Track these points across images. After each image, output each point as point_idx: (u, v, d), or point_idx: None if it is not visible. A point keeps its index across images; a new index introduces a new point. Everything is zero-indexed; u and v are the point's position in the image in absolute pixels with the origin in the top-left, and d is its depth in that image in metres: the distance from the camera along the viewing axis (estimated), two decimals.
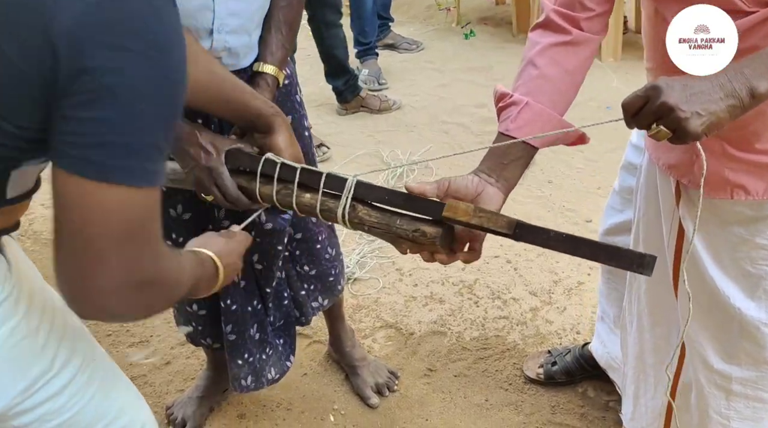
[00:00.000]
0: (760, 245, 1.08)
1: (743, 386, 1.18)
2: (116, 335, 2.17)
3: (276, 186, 1.13)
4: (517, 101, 1.06)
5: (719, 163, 1.06)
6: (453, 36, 4.62)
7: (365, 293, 2.31)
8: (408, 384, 1.94)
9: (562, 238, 0.91)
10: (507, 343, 2.06)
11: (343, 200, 1.06)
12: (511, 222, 0.94)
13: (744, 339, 1.15)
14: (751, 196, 1.06)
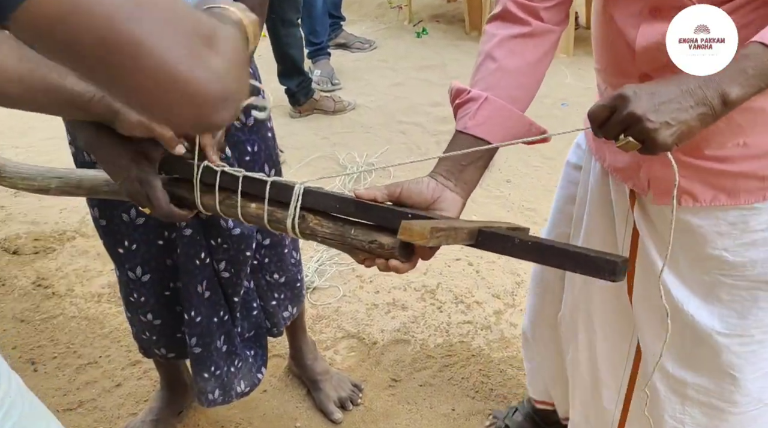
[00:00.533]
0: (711, 255, 1.06)
1: (697, 392, 1.16)
2: (62, 357, 2.05)
3: (218, 196, 1.06)
4: (475, 97, 1.01)
5: (667, 168, 1.01)
6: (405, 34, 4.57)
7: (325, 302, 2.24)
8: (372, 396, 1.88)
9: (527, 246, 0.85)
10: (472, 349, 2.02)
11: (291, 210, 0.99)
12: (473, 231, 0.88)
13: (697, 346, 1.13)
14: (698, 203, 1.04)
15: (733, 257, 1.05)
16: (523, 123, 1.03)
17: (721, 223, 1.04)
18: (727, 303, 1.10)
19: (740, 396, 1.14)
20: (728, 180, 1.01)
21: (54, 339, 2.13)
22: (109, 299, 2.29)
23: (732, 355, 1.10)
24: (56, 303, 2.28)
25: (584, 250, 0.83)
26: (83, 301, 2.29)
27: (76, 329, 2.17)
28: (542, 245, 0.84)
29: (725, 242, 1.05)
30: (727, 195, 1.02)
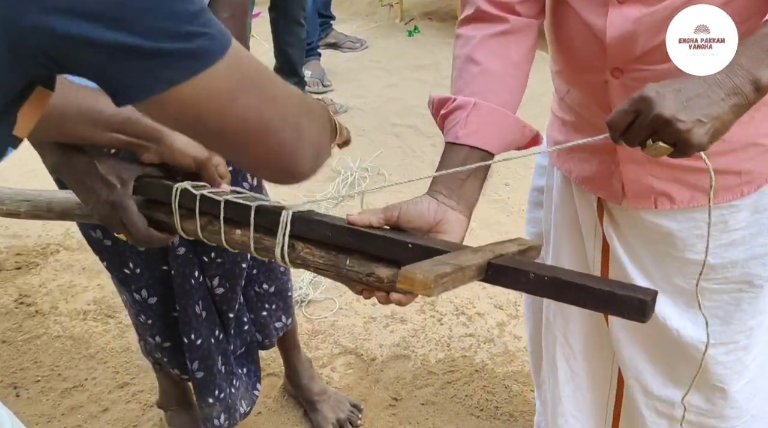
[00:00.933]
0: (692, 261, 1.02)
1: (687, 412, 1.10)
2: (45, 380, 1.96)
3: (200, 220, 0.97)
4: (462, 104, 0.94)
5: (643, 170, 0.99)
6: (397, 33, 4.48)
7: (321, 315, 2.15)
8: (372, 416, 1.80)
9: (543, 282, 0.77)
10: (475, 364, 1.93)
11: (279, 239, 0.91)
12: (481, 267, 0.79)
13: (684, 362, 1.09)
14: (675, 205, 1.00)
15: (714, 259, 1.01)
16: (517, 126, 0.96)
17: (700, 225, 1.00)
18: (710, 310, 1.05)
19: (729, 409, 1.10)
20: (705, 178, 0.95)
21: (37, 360, 2.03)
22: (95, 317, 2.19)
23: (719, 365, 1.07)
24: (39, 322, 2.18)
25: (609, 285, 0.74)
26: (68, 319, 2.19)
27: (60, 349, 2.07)
28: (560, 280, 0.75)
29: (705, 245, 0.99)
30: (705, 194, 0.97)
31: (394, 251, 0.84)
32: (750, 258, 1.01)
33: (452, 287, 0.74)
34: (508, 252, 0.83)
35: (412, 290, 0.71)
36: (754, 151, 0.95)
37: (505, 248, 0.85)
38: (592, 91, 1.01)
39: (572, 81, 1.05)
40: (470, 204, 0.93)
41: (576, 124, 1.10)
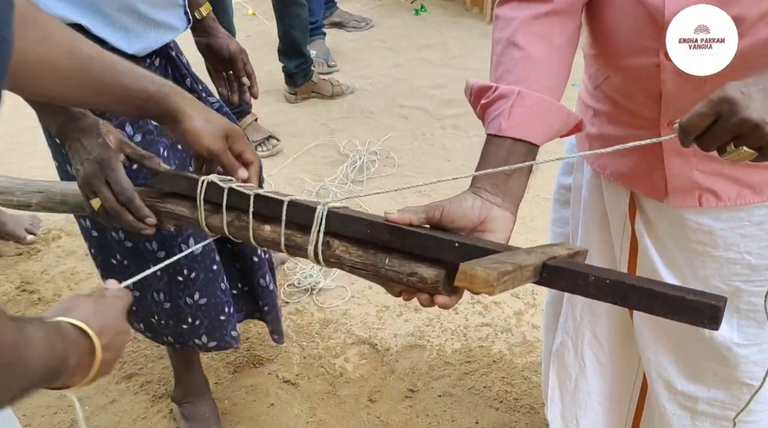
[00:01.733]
0: (732, 260, 0.98)
1: (710, 406, 1.10)
2: None
3: (227, 216, 0.92)
4: (506, 93, 0.87)
5: (688, 165, 0.95)
6: (403, 11, 4.37)
7: (332, 304, 2.10)
8: (388, 408, 1.75)
9: (604, 285, 0.71)
10: (492, 354, 1.88)
11: (313, 236, 0.85)
12: (537, 268, 0.73)
13: (712, 361, 1.06)
14: (722, 202, 0.95)
15: (757, 260, 0.98)
16: (562, 114, 0.89)
17: (746, 224, 0.96)
18: (746, 313, 1.03)
19: (754, 404, 1.06)
20: (754, 174, 0.93)
21: None
22: None
23: (751, 364, 1.04)
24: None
25: (676, 290, 0.68)
26: None
27: None
28: (624, 284, 0.69)
29: (749, 245, 0.97)
30: (753, 191, 0.94)
31: (440, 251, 0.78)
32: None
33: (511, 287, 0.69)
34: (559, 255, 0.78)
35: (472, 287, 0.65)
36: None
37: (554, 251, 0.80)
38: (638, 77, 0.94)
39: (614, 65, 0.98)
40: (516, 200, 0.86)
41: (612, 114, 1.03)
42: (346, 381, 1.83)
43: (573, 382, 1.29)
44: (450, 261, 0.79)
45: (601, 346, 1.24)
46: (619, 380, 1.26)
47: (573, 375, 1.29)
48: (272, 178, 2.70)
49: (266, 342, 1.96)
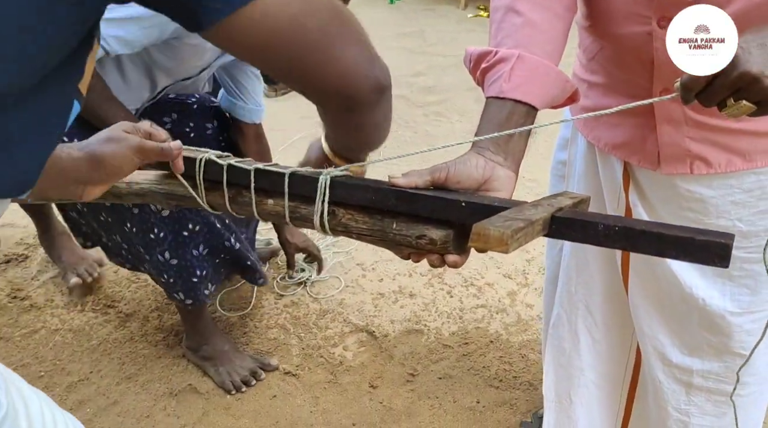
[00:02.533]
0: (723, 227, 1.00)
1: (705, 379, 1.11)
2: (49, 375, 1.89)
3: (228, 192, 0.92)
4: (506, 57, 0.89)
5: (679, 132, 0.97)
6: (378, 1, 4.38)
7: (328, 294, 2.11)
8: (390, 393, 1.77)
9: (614, 232, 0.72)
10: (489, 335, 1.91)
11: (318, 206, 0.85)
12: (546, 221, 0.74)
13: (706, 331, 1.08)
14: (712, 169, 0.97)
15: (747, 226, 1.00)
16: (560, 80, 0.91)
17: (736, 191, 0.98)
18: (738, 280, 1.04)
19: (749, 376, 1.09)
20: (744, 141, 0.94)
21: (38, 355, 1.96)
22: (93, 308, 2.12)
23: (744, 333, 1.06)
24: (36, 316, 2.11)
25: (685, 232, 0.69)
26: (65, 312, 2.12)
27: (61, 343, 2.00)
28: (633, 230, 0.70)
29: (740, 212, 0.99)
30: (743, 158, 0.96)
31: (446, 211, 0.78)
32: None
33: (524, 243, 0.69)
34: (564, 205, 0.79)
35: (487, 247, 0.66)
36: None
37: (559, 202, 0.80)
38: (632, 46, 0.97)
39: (608, 35, 1.01)
40: (518, 159, 0.87)
41: (608, 85, 1.05)
42: (347, 369, 1.85)
43: (567, 357, 1.31)
44: (458, 221, 0.80)
45: (595, 322, 1.26)
46: (613, 359, 1.27)
47: (567, 349, 1.31)
48: None
49: (264, 335, 1.97)
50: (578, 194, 0.84)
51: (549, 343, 1.35)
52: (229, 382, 1.80)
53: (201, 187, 0.93)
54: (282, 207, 0.88)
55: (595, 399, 1.31)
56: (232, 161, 0.91)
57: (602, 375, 1.29)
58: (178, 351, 1.94)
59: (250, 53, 0.63)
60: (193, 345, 1.86)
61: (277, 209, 0.89)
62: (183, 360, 1.91)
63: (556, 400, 1.34)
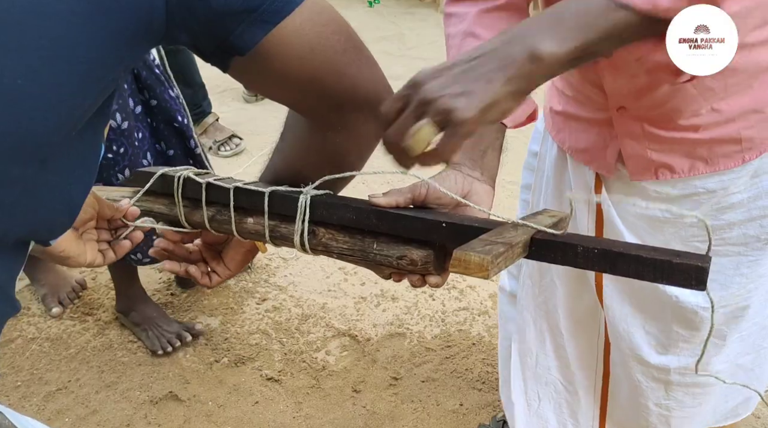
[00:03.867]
0: (689, 223, 1.03)
1: (682, 375, 1.14)
2: (26, 385, 1.86)
3: (207, 211, 0.91)
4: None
5: (640, 145, 0.99)
6: (356, 4, 4.38)
7: (310, 299, 2.10)
8: (373, 397, 1.77)
9: (593, 255, 0.73)
10: (471, 337, 1.92)
11: (298, 225, 0.85)
12: (526, 244, 0.76)
13: (680, 327, 1.10)
14: (677, 174, 1.00)
15: (712, 221, 1.02)
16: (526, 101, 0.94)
17: (700, 190, 1.00)
18: (711, 274, 1.04)
19: (720, 365, 1.12)
20: (704, 148, 0.97)
21: (15, 365, 1.93)
22: (71, 316, 2.09)
23: (716, 327, 1.09)
24: (12, 325, 2.07)
25: (663, 254, 0.71)
26: (42, 320, 2.08)
27: (38, 352, 1.97)
28: (611, 252, 0.72)
29: (703, 209, 1.01)
30: (705, 163, 0.98)
31: (428, 232, 0.80)
32: (748, 220, 1.01)
33: (504, 267, 0.71)
34: (544, 225, 0.80)
35: (467, 273, 0.67)
36: (755, 118, 0.94)
37: (539, 221, 0.82)
38: (582, 70, 1.01)
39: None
40: (493, 175, 0.90)
41: (573, 97, 1.10)
42: (329, 374, 1.84)
43: (534, 358, 1.32)
44: (438, 241, 0.81)
45: (558, 325, 1.26)
46: (581, 359, 1.28)
47: (534, 351, 1.32)
48: (238, 177, 2.68)
49: (246, 341, 1.95)
50: (557, 212, 0.86)
51: (515, 348, 1.36)
52: (157, 343, 1.93)
53: (180, 205, 0.93)
54: (262, 226, 0.87)
55: (564, 400, 1.33)
56: (211, 179, 0.90)
57: (570, 375, 1.31)
58: (158, 359, 1.92)
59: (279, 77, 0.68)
60: (123, 309, 2.01)
61: (257, 228, 0.88)
62: (163, 368, 1.89)
63: (525, 404, 1.35)
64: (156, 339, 1.94)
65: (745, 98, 0.91)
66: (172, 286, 2.19)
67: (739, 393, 1.21)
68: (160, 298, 2.12)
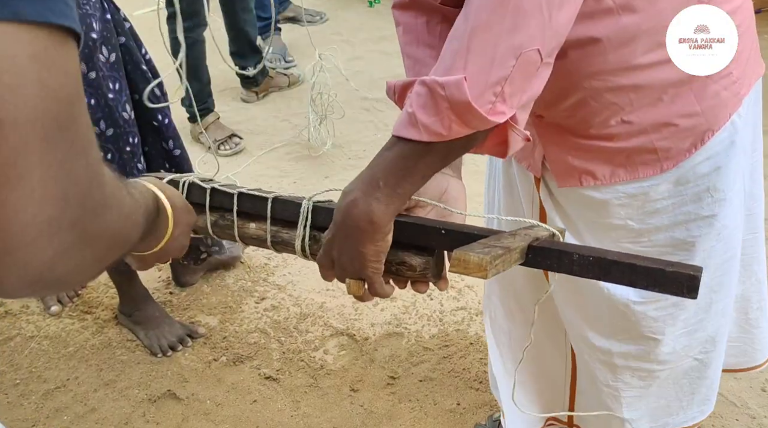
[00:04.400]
0: (618, 226, 1.05)
1: (625, 359, 1.16)
2: (25, 383, 1.87)
3: (210, 216, 0.93)
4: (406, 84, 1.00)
5: (561, 150, 1.02)
6: (356, 3, 4.37)
7: (308, 298, 2.11)
8: (371, 396, 1.77)
9: (588, 262, 0.75)
10: (469, 337, 1.92)
11: (300, 231, 0.87)
12: (523, 250, 0.77)
13: (615, 318, 1.13)
14: (598, 181, 1.03)
15: (638, 225, 1.04)
16: None
17: (622, 196, 1.02)
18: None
19: (666, 355, 1.14)
20: (622, 156, 0.99)
21: (14, 363, 1.93)
22: (70, 314, 2.10)
23: (650, 320, 1.10)
24: (11, 323, 2.08)
25: (655, 263, 0.72)
26: (41, 318, 2.09)
27: (37, 350, 1.98)
28: (605, 260, 0.73)
29: (628, 212, 1.04)
30: (625, 170, 1.01)
31: (426, 238, 0.81)
32: (673, 224, 1.03)
33: (502, 270, 0.72)
34: (541, 235, 0.81)
35: (466, 272, 0.69)
36: (667, 131, 0.95)
37: (536, 232, 0.83)
38: None
39: None
40: (460, 168, 0.97)
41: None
42: (327, 373, 1.85)
43: (507, 335, 1.37)
44: (437, 247, 0.83)
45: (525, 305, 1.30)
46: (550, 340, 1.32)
47: (506, 328, 1.37)
48: (238, 176, 2.69)
49: (244, 339, 1.96)
50: (553, 228, 0.88)
51: (489, 332, 1.42)
52: (156, 345, 1.93)
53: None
54: (264, 231, 0.90)
55: (538, 370, 1.37)
56: (215, 184, 0.92)
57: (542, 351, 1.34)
58: (156, 357, 1.92)
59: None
60: (126, 310, 2.00)
61: (258, 233, 0.91)
62: (162, 366, 1.90)
63: (506, 377, 1.39)
64: (156, 339, 1.94)
65: (656, 111, 0.93)
66: (171, 285, 2.19)
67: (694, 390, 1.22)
68: (159, 297, 2.13)
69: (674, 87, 0.90)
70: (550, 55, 0.76)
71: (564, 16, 0.74)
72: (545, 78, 0.78)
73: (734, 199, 1.02)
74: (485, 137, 0.78)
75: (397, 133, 0.76)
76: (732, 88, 0.94)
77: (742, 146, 1.00)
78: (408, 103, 0.76)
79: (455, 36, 0.74)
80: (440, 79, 0.73)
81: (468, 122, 0.73)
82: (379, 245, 0.79)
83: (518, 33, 0.71)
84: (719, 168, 0.98)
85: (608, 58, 0.87)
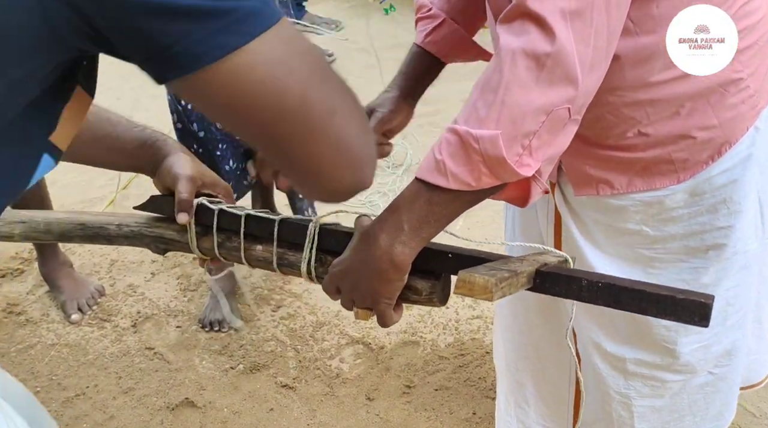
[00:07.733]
0: (633, 231, 1.06)
1: (637, 366, 1.16)
2: (45, 390, 1.89)
3: (217, 237, 0.93)
4: (434, 15, 1.10)
5: (579, 160, 1.02)
6: (373, 12, 4.39)
7: (324, 306, 2.11)
8: (387, 405, 1.77)
9: (597, 288, 0.75)
10: (485, 345, 1.92)
11: (306, 253, 0.87)
12: (531, 275, 0.77)
13: (630, 324, 1.13)
14: (615, 190, 1.03)
15: (653, 231, 1.04)
16: (472, 50, 1.14)
17: (637, 203, 1.03)
18: (656, 277, 1.09)
19: (679, 366, 1.13)
20: (639, 167, 0.99)
21: (34, 371, 1.96)
22: (89, 322, 2.12)
23: (662, 328, 1.10)
24: (32, 331, 2.11)
25: (666, 290, 0.72)
26: (61, 326, 2.12)
27: (57, 358, 2.00)
28: (615, 287, 0.73)
29: (644, 219, 1.04)
30: (642, 180, 1.01)
31: (433, 262, 0.82)
32: (689, 234, 1.03)
33: (508, 293, 0.72)
34: (549, 261, 0.81)
35: (472, 294, 0.69)
36: (684, 143, 0.95)
37: (544, 258, 0.83)
38: None
39: None
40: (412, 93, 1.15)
41: None
42: (343, 382, 1.85)
43: (512, 334, 1.37)
44: (443, 271, 0.83)
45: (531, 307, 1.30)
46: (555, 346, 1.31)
47: (511, 327, 1.36)
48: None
49: (261, 347, 1.97)
50: (561, 254, 0.88)
51: (496, 322, 1.43)
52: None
53: (192, 231, 0.94)
54: (270, 253, 0.90)
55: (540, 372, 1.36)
56: (224, 206, 0.92)
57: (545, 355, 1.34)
58: (175, 365, 1.94)
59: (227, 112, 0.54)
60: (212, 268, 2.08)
61: (265, 255, 0.91)
62: (180, 374, 1.91)
63: (506, 369, 1.40)
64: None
65: (673, 124, 0.93)
66: (187, 291, 2.21)
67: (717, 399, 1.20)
68: (177, 305, 2.15)
69: (691, 101, 0.90)
70: (579, 113, 0.78)
71: (594, 78, 0.77)
72: (571, 135, 0.80)
73: (750, 210, 1.02)
74: (506, 184, 0.80)
75: (423, 177, 0.78)
76: (749, 101, 0.94)
77: (759, 158, 1.00)
78: (437, 149, 0.78)
79: (489, 87, 0.76)
80: (475, 131, 0.74)
81: (498, 175, 0.75)
82: (396, 285, 0.80)
83: (552, 91, 0.73)
84: (736, 181, 0.98)
85: (626, 75, 0.88)
